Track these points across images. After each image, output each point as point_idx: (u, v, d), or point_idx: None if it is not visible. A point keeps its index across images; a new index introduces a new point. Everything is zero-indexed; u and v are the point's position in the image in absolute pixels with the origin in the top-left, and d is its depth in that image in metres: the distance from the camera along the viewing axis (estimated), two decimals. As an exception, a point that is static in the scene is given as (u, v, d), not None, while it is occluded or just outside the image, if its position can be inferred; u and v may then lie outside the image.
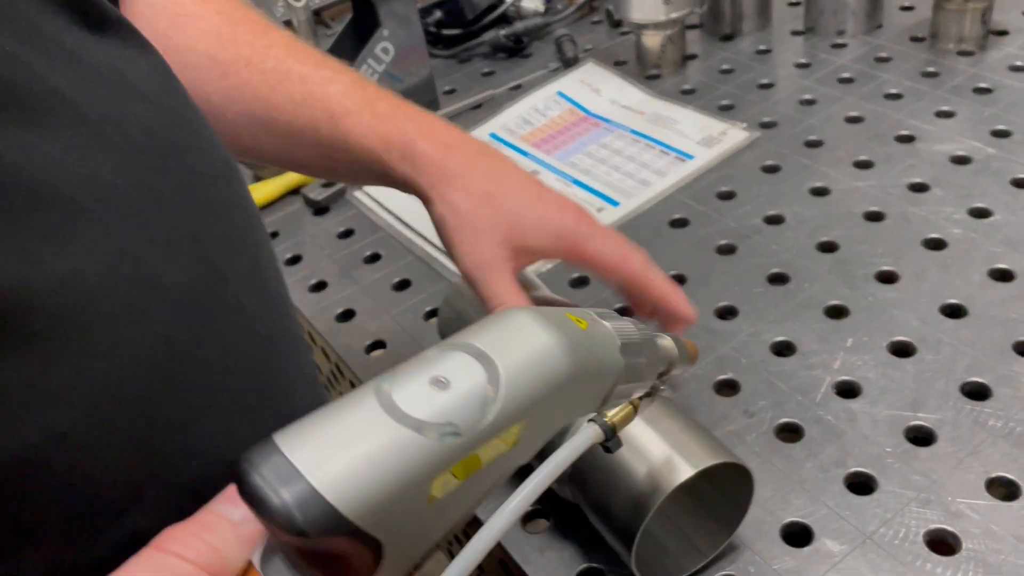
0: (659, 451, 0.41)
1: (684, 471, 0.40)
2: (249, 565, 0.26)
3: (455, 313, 0.54)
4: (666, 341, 0.39)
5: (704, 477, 0.40)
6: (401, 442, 0.24)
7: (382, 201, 0.77)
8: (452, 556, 0.32)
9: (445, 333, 0.54)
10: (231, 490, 0.26)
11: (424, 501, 0.25)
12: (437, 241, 0.48)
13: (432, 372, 0.26)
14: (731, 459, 0.41)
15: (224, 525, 0.25)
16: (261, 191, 0.80)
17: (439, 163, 0.46)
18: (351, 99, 0.47)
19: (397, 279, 0.69)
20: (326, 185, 0.80)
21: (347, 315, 0.67)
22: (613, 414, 0.34)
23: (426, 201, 0.47)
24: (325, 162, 0.49)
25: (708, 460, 0.40)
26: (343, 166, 0.48)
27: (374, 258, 0.72)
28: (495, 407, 0.26)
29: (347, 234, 0.75)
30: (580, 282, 0.65)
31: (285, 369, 0.37)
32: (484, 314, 0.49)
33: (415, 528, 0.26)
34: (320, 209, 0.79)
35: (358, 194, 0.80)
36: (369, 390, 0.25)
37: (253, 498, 0.23)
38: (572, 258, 0.47)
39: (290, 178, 0.81)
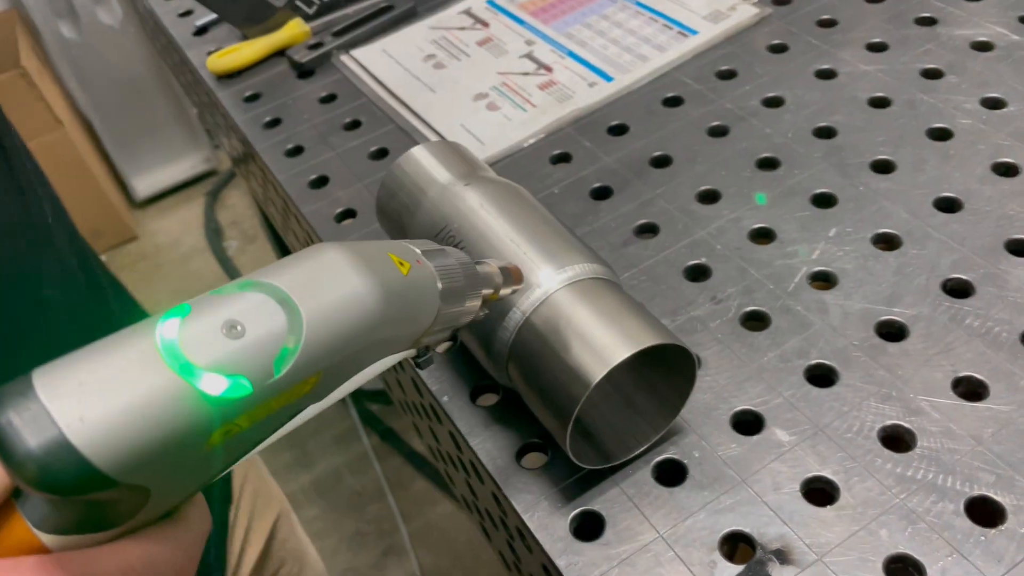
0: (595, 333, 0.39)
1: (618, 353, 0.38)
2: (8, 502, 0.24)
3: (389, 195, 0.51)
4: (490, 268, 0.36)
5: (644, 359, 0.38)
6: (179, 395, 0.22)
7: (367, 66, 0.74)
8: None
9: (384, 211, 0.51)
10: None
11: (201, 450, 0.23)
12: (422, 111, 0.43)
13: (227, 315, 0.24)
14: (667, 340, 0.39)
15: None
16: (244, 52, 0.77)
17: None
18: None
19: (375, 148, 0.66)
20: (312, 47, 0.77)
21: (320, 182, 0.64)
22: (430, 337, 0.32)
23: None
24: None
25: (643, 342, 0.38)
26: None
27: (354, 125, 0.69)
28: (292, 360, 0.24)
29: (329, 99, 0.72)
30: (561, 159, 0.62)
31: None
32: (419, 199, 0.46)
33: (190, 472, 0.24)
34: (305, 72, 0.76)
35: (344, 59, 0.76)
36: (152, 328, 0.23)
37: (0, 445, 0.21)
38: None
39: (276, 38, 0.78)
